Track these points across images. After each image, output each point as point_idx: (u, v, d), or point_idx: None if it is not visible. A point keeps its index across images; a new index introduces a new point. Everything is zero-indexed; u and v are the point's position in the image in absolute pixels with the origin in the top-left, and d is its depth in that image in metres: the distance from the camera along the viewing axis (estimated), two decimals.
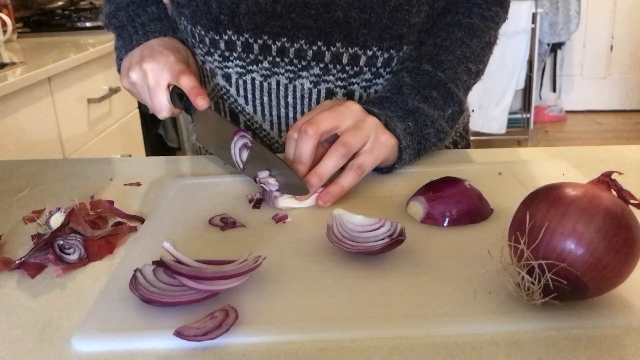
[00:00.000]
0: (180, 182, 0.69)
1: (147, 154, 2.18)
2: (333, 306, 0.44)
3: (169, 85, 0.71)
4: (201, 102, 0.67)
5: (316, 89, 0.75)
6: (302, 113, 0.76)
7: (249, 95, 0.77)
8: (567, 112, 3.86)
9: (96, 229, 0.58)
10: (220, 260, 0.48)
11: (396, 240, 0.49)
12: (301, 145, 0.61)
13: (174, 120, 2.37)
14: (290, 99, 0.76)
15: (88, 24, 2.17)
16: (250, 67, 0.75)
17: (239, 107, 0.79)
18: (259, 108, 0.77)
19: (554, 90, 3.86)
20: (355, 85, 0.75)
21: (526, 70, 3.30)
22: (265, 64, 0.74)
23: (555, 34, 3.58)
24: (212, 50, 0.75)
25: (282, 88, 0.75)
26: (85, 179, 0.74)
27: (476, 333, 0.41)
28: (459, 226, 0.55)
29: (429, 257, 0.50)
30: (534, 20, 3.14)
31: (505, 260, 0.43)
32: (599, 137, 3.52)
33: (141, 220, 0.61)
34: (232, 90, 0.78)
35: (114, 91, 1.86)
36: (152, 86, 0.71)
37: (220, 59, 0.76)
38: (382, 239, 0.50)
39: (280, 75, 0.74)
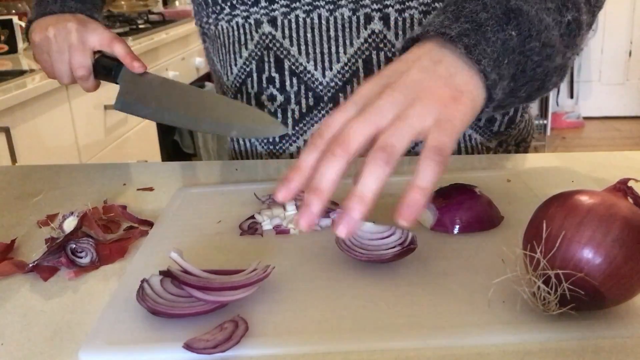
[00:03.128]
0: (187, 191, 0.70)
1: (163, 160, 2.20)
2: (344, 316, 0.44)
3: (94, 53, 0.75)
4: (138, 64, 0.72)
5: (355, 16, 0.76)
6: (343, 45, 0.77)
7: (294, 35, 0.78)
8: (585, 118, 3.82)
9: (108, 233, 0.59)
10: (229, 270, 0.47)
11: (407, 248, 0.49)
12: (323, 169, 0.44)
13: None
14: (332, 32, 0.77)
15: None
16: (294, 5, 0.77)
17: (284, 52, 0.79)
18: (303, 47, 0.78)
19: (572, 97, 3.83)
20: (390, 8, 0.75)
21: None
22: None
23: None
24: None
25: (323, 22, 0.77)
26: (99, 184, 0.75)
27: (491, 344, 0.40)
28: (469, 233, 0.55)
29: (440, 265, 0.50)
30: None
31: (520, 269, 0.42)
32: (618, 144, 3.47)
33: (153, 225, 0.61)
34: (278, 34, 0.79)
35: None
36: (75, 44, 0.74)
37: (267, 4, 0.78)
38: (393, 247, 0.49)
39: (322, 8, 0.76)
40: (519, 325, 0.41)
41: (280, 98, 0.80)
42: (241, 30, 0.81)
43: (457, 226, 0.55)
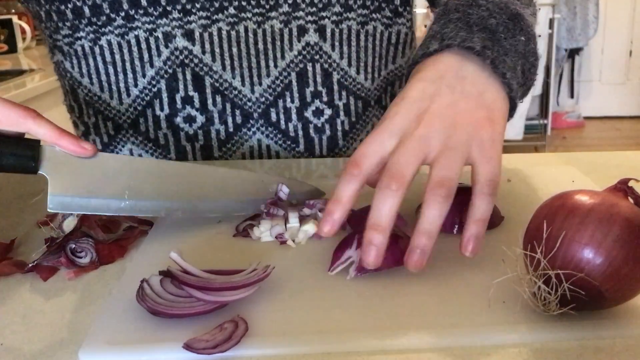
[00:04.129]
0: None
1: None
2: (345, 316, 0.43)
3: None
4: (90, 147, 0.51)
5: (287, 28, 0.71)
6: (274, 59, 0.72)
7: (216, 50, 0.71)
8: (585, 118, 3.83)
9: (108, 233, 0.59)
10: (229, 270, 0.47)
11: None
12: (381, 204, 0.44)
13: None
14: (260, 45, 0.71)
15: None
16: (215, 17, 0.69)
17: (204, 68, 0.71)
18: (227, 62, 0.71)
19: (572, 96, 3.83)
20: (327, 19, 0.71)
21: (543, 76, 3.28)
22: (232, 10, 0.69)
23: (573, 40, 3.55)
24: (169, 8, 0.68)
25: (250, 34, 0.70)
26: None
27: (491, 344, 0.40)
28: None
29: (439, 265, 0.50)
30: (551, 26, 3.12)
31: (521, 269, 0.42)
32: (618, 144, 3.48)
33: (152, 225, 0.61)
34: (196, 49, 0.70)
35: None
36: None
37: (181, 15, 0.69)
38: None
39: (248, 20, 0.70)
40: (519, 325, 0.41)
41: (200, 119, 0.73)
42: (143, 46, 0.70)
43: (457, 226, 0.55)
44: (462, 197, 0.57)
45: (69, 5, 0.70)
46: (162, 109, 0.73)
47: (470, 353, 0.40)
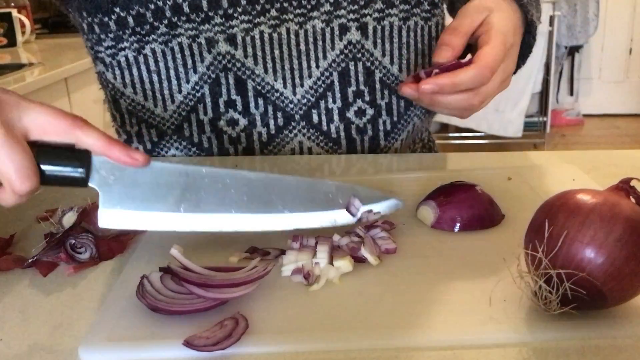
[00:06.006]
0: None
1: None
2: (345, 314, 0.43)
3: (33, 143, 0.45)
4: (141, 157, 0.47)
5: (329, 28, 0.71)
6: (315, 59, 0.72)
7: (258, 53, 0.71)
8: (585, 115, 3.82)
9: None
10: (229, 267, 0.47)
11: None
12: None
13: None
14: (302, 46, 0.71)
15: None
16: (257, 20, 0.70)
17: (247, 72, 0.72)
18: (269, 64, 0.72)
19: (572, 94, 3.82)
20: (368, 17, 0.72)
21: (543, 74, 3.28)
22: (274, 12, 0.69)
23: (573, 37, 3.55)
24: (211, 14, 0.69)
25: (292, 36, 0.71)
26: None
27: (492, 343, 0.40)
28: (470, 232, 0.55)
29: (440, 264, 0.50)
30: (551, 23, 3.11)
31: (522, 268, 0.42)
32: (617, 141, 3.48)
33: None
34: (238, 53, 0.71)
35: None
36: (4, 139, 0.43)
37: (223, 20, 0.69)
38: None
39: (290, 22, 0.70)
40: (520, 325, 0.41)
41: (243, 122, 0.74)
42: (186, 52, 0.71)
43: (458, 224, 0.55)
44: (463, 194, 0.57)
45: (113, 17, 0.70)
46: (205, 114, 0.74)
47: (471, 352, 0.40)
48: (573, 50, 3.68)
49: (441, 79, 0.64)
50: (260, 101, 0.73)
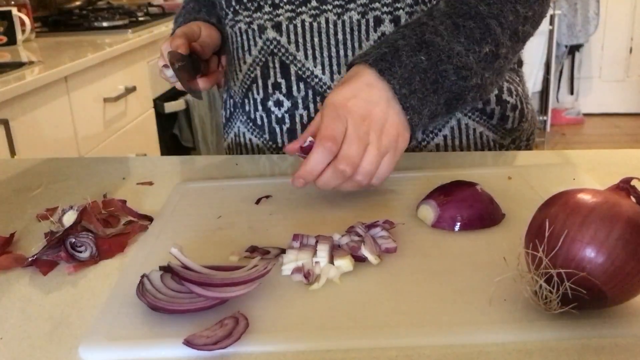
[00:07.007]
0: (187, 186, 0.70)
1: (162, 154, 2.19)
2: (345, 314, 0.43)
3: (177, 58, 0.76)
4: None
5: (364, 19, 0.75)
6: (352, 48, 0.77)
7: (300, 40, 0.78)
8: (585, 115, 3.82)
9: (108, 228, 0.59)
10: (229, 266, 0.47)
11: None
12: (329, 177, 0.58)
13: (189, 120, 2.39)
14: (340, 36, 0.76)
15: (105, 24, 2.19)
16: (299, 9, 0.76)
17: (290, 57, 0.79)
18: (309, 52, 0.78)
19: (572, 93, 3.82)
20: (401, 10, 0.75)
21: (543, 73, 3.28)
22: (314, 3, 0.76)
23: (573, 36, 3.55)
24: (262, 3, 0.78)
25: (331, 25, 0.76)
26: (98, 178, 0.74)
27: (492, 342, 0.40)
28: (470, 231, 0.55)
29: (441, 263, 0.50)
30: (551, 22, 3.11)
31: (522, 268, 0.42)
32: (617, 141, 3.47)
33: (152, 219, 0.61)
34: (283, 39, 0.78)
35: (129, 91, 1.88)
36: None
37: (271, 9, 0.77)
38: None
39: (329, 12, 0.76)
40: (520, 324, 0.41)
41: (287, 103, 0.80)
42: (244, 36, 0.81)
43: (458, 223, 0.55)
44: (463, 193, 0.57)
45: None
46: (258, 93, 0.82)
47: (471, 351, 0.40)
48: (573, 49, 3.68)
49: (301, 169, 0.59)
50: (302, 85, 0.79)
